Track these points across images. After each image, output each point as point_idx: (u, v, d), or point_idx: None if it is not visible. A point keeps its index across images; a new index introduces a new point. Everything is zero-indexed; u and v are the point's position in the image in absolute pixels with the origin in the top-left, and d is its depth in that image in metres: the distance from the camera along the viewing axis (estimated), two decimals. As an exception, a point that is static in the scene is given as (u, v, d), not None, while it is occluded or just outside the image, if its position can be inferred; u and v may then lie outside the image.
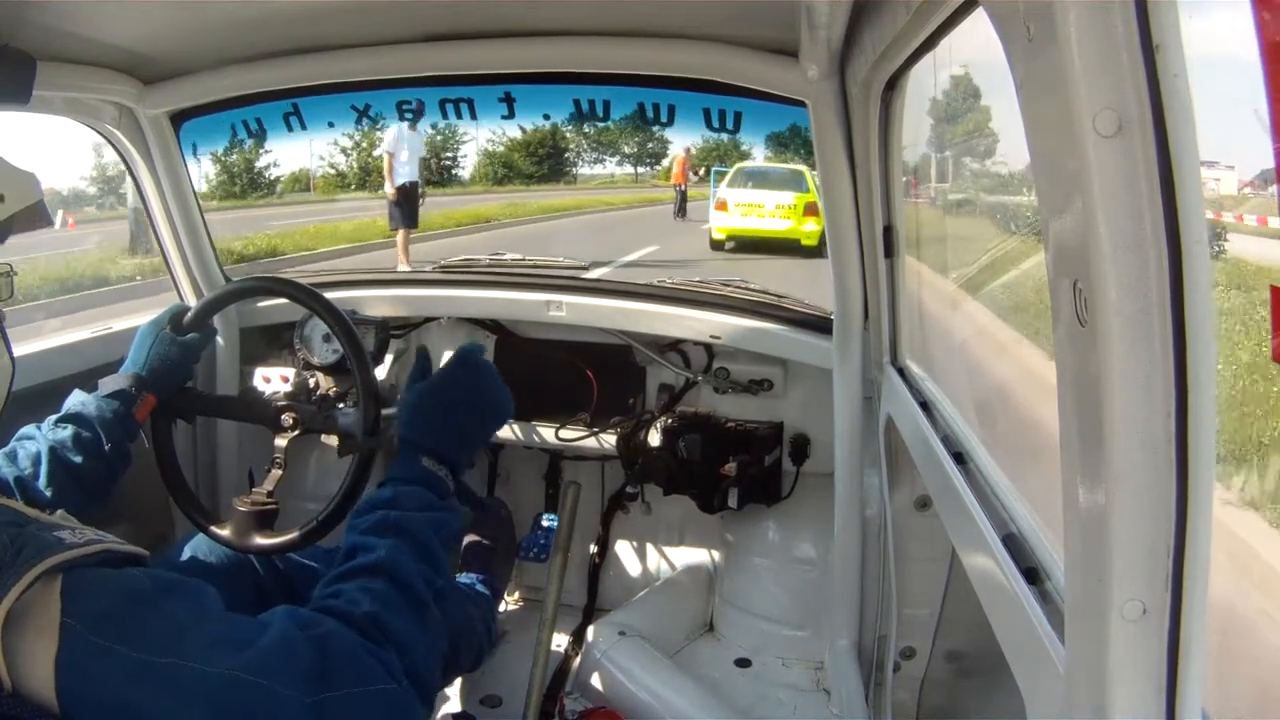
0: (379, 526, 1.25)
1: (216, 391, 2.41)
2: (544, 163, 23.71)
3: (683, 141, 17.64)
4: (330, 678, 0.99)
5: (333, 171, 20.34)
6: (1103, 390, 0.69)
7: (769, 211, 12.93)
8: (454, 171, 22.28)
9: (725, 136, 2.13)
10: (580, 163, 24.93)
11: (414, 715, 1.09)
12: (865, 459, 2.08)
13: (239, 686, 0.93)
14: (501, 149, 23.51)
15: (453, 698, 2.15)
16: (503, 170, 23.51)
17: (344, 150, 19.98)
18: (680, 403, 2.41)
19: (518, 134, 22.69)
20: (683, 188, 16.90)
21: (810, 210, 12.03)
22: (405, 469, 1.42)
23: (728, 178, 14.25)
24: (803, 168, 12.77)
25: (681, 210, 16.63)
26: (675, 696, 2.10)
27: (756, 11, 1.62)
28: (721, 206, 13.39)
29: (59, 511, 1.02)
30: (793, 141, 11.66)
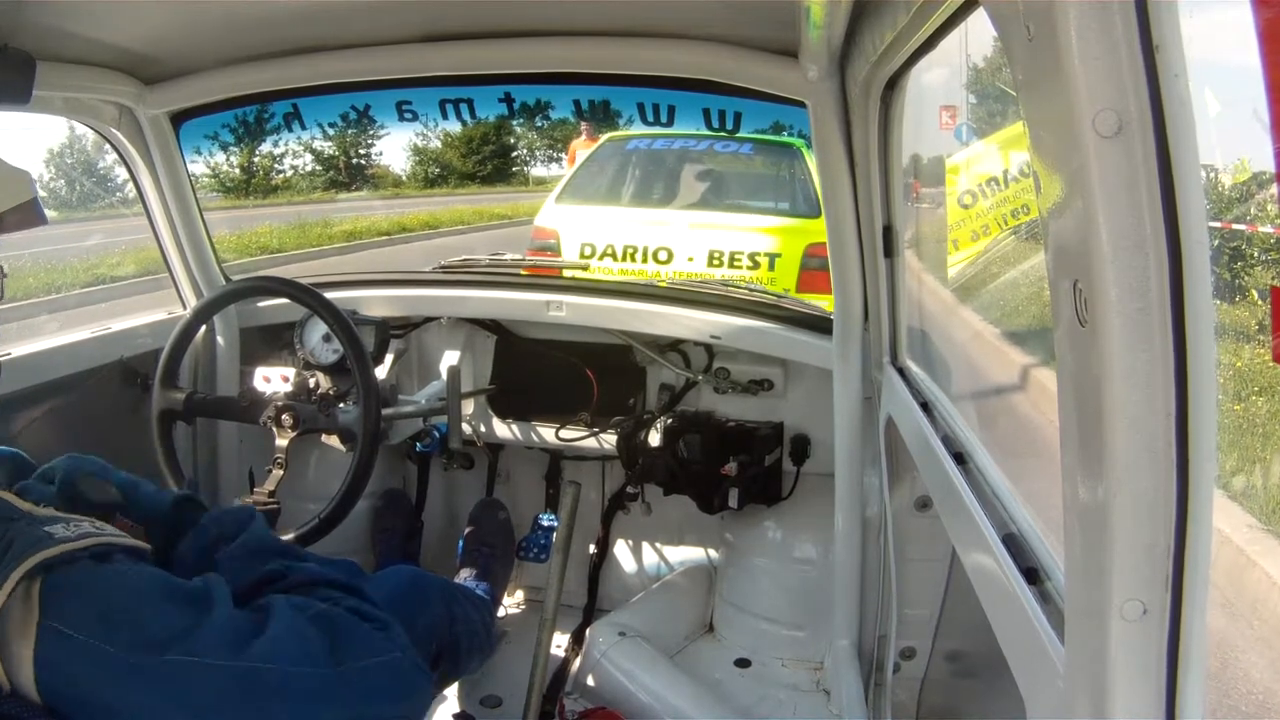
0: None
1: (216, 391, 2.41)
2: (487, 162, 20.59)
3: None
4: (339, 653, 1.01)
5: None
6: (1103, 390, 0.69)
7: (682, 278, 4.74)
8: (367, 172, 19.57)
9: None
10: (534, 161, 21.76)
11: (420, 683, 1.12)
12: (865, 459, 2.08)
13: (256, 676, 0.94)
14: (435, 144, 20.38)
15: (452, 698, 2.15)
16: (436, 170, 20.53)
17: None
18: (680, 403, 2.41)
19: (457, 128, 18.81)
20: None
21: (815, 267, 4.84)
22: None
23: (576, 168, 6.36)
24: (795, 143, 5.55)
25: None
26: (675, 697, 2.09)
27: (756, 11, 1.62)
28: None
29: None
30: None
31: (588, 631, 2.31)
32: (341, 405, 2.06)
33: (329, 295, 2.08)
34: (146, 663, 0.89)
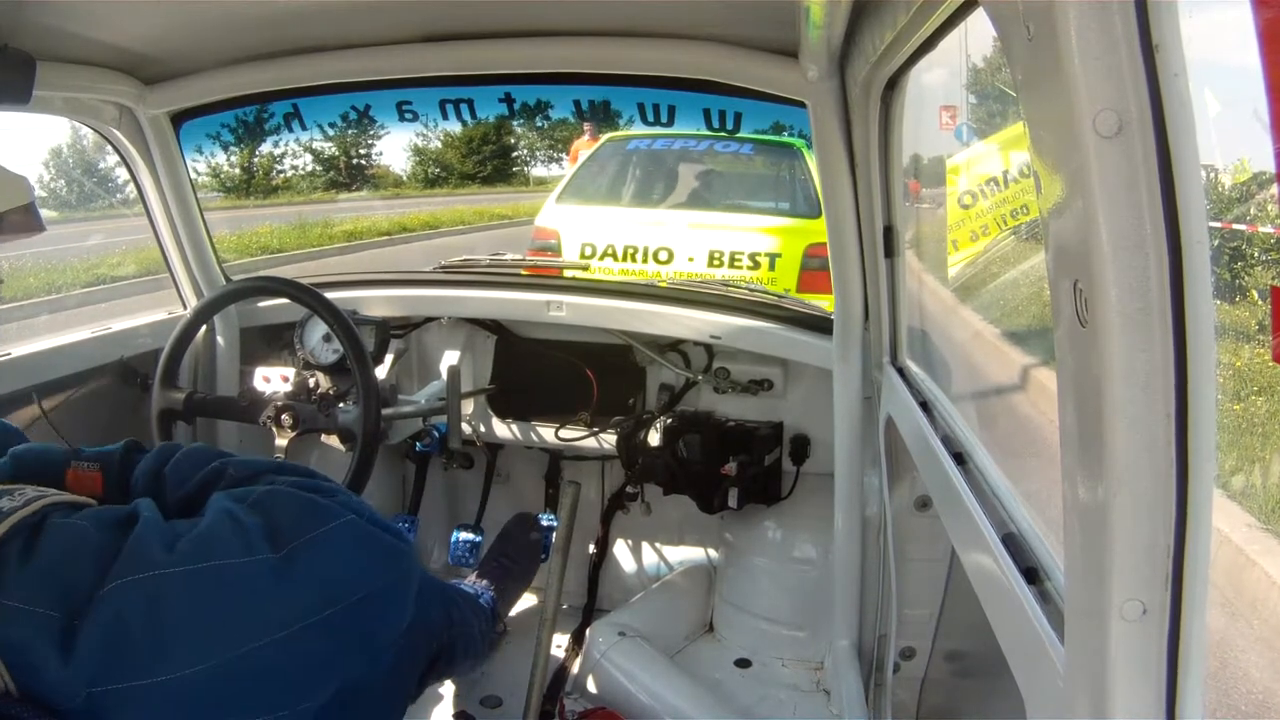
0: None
1: (216, 391, 2.41)
2: (487, 162, 20.54)
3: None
4: (284, 531, 0.95)
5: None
6: (1103, 390, 0.69)
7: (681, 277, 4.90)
8: (367, 172, 19.55)
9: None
10: (534, 161, 21.70)
11: (390, 544, 1.04)
12: (865, 459, 2.08)
13: (185, 580, 0.87)
14: (436, 145, 20.48)
15: (452, 698, 2.16)
16: (436, 170, 20.58)
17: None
18: (680, 403, 2.41)
19: (457, 128, 18.93)
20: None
21: (815, 267, 4.85)
22: None
23: (576, 168, 6.40)
24: (795, 143, 5.59)
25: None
26: (675, 697, 2.10)
27: (756, 11, 1.62)
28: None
29: None
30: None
31: (588, 631, 2.31)
32: (341, 405, 2.07)
33: (329, 295, 2.08)
34: (76, 621, 0.83)
